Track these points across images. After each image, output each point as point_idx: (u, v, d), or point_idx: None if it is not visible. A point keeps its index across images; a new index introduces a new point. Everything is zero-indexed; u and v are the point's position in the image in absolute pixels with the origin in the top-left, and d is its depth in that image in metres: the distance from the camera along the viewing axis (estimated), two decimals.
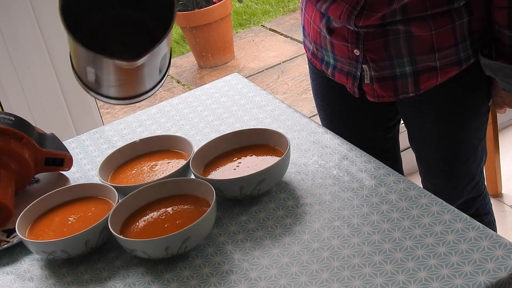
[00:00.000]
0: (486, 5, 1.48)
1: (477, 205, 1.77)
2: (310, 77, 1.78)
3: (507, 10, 1.44)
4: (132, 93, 1.33)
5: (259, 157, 1.44)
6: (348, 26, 1.51)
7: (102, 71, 1.29)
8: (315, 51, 1.66)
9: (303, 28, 1.71)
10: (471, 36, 1.50)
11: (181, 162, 1.47)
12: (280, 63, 4.52)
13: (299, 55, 4.56)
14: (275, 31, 5.03)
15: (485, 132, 1.68)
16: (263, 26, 5.18)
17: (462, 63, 1.52)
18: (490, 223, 1.82)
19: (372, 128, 1.75)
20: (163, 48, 1.25)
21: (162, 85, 1.35)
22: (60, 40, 2.28)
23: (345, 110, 1.72)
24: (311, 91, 1.83)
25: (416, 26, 1.47)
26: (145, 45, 1.25)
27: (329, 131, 1.55)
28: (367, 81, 1.57)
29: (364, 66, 1.55)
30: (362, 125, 1.73)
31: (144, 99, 1.35)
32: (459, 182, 1.71)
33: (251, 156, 1.45)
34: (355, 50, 1.54)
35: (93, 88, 1.31)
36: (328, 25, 1.56)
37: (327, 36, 1.58)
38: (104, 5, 1.32)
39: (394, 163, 1.83)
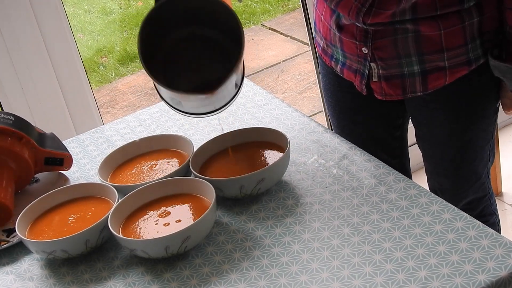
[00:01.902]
0: (498, 6, 1.47)
1: (482, 205, 1.77)
2: (320, 73, 1.78)
3: None
4: (211, 109, 1.42)
5: (258, 156, 1.44)
6: (357, 24, 1.51)
7: (183, 99, 1.39)
8: (325, 47, 1.66)
9: (314, 23, 1.71)
10: (481, 36, 1.49)
11: (181, 162, 1.47)
12: (280, 62, 4.52)
13: (298, 54, 4.56)
14: (275, 30, 5.03)
15: (493, 132, 1.67)
16: (263, 25, 5.18)
17: (471, 63, 1.51)
18: (494, 223, 1.82)
19: (381, 126, 1.75)
20: (237, 68, 1.31)
21: (237, 97, 1.43)
22: (59, 39, 2.28)
23: (354, 107, 1.72)
24: (310, 91, 1.84)
25: (425, 26, 1.46)
26: (221, 65, 1.36)
27: (329, 130, 1.55)
28: (375, 79, 1.57)
29: (372, 64, 1.55)
30: (370, 122, 1.73)
31: (221, 111, 1.43)
32: (465, 182, 1.71)
33: (250, 155, 1.45)
34: (363, 48, 1.54)
35: (176, 107, 1.41)
36: (338, 22, 1.56)
37: (337, 33, 1.58)
38: (174, 26, 1.38)
39: (402, 161, 1.83)
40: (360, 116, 1.73)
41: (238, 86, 1.41)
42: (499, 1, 1.47)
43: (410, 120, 1.76)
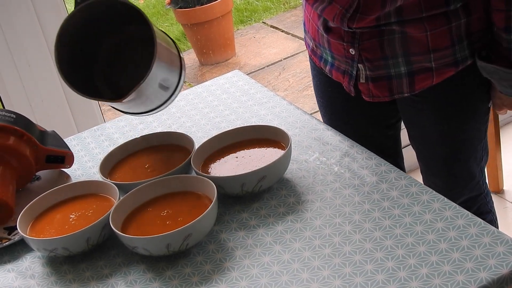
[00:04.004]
0: (485, 7, 1.47)
1: (478, 203, 1.77)
2: (311, 74, 1.78)
3: (505, 13, 1.43)
4: (142, 110, 1.45)
5: (260, 154, 1.44)
6: (342, 28, 1.51)
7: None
8: (315, 48, 1.66)
9: (304, 24, 1.71)
10: (469, 37, 1.49)
11: (183, 159, 1.47)
12: (281, 60, 4.52)
13: (300, 52, 4.56)
14: (276, 28, 5.02)
15: (485, 132, 1.67)
16: (264, 23, 5.18)
17: (458, 64, 1.51)
18: (491, 221, 1.82)
19: (373, 125, 1.75)
20: (153, 79, 1.33)
21: (173, 100, 1.46)
22: None
23: (345, 108, 1.72)
24: (312, 88, 1.83)
25: (411, 27, 1.46)
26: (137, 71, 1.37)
27: (330, 128, 1.55)
28: (362, 80, 1.57)
29: (360, 66, 1.55)
30: (362, 122, 1.73)
31: (154, 113, 1.48)
32: (459, 181, 1.71)
33: (252, 153, 1.45)
34: (350, 49, 1.54)
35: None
36: (325, 24, 1.56)
37: (324, 35, 1.58)
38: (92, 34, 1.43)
39: (396, 160, 1.83)
40: (352, 116, 1.73)
41: (172, 90, 1.44)
42: (486, 2, 1.46)
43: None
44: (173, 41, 1.45)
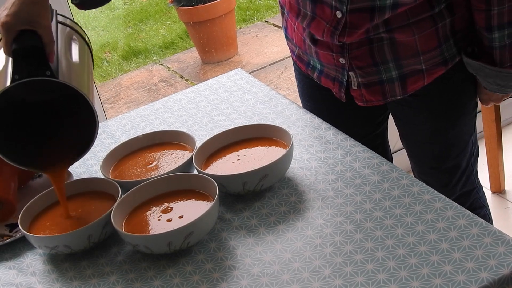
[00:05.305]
0: (467, 5, 1.48)
1: (471, 199, 1.78)
2: (296, 78, 1.77)
3: (485, 12, 1.44)
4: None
5: (262, 152, 1.44)
6: (333, 42, 1.51)
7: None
8: (301, 54, 1.66)
9: (286, 31, 1.70)
10: (454, 35, 1.50)
11: (184, 157, 1.47)
12: (283, 59, 4.52)
13: None
14: (279, 27, 5.02)
15: (474, 126, 1.69)
16: (267, 21, 5.18)
17: (447, 62, 1.52)
18: (485, 216, 1.83)
19: (362, 126, 1.75)
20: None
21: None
22: None
23: (334, 110, 1.71)
24: None
25: (399, 33, 1.47)
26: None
27: (332, 127, 1.55)
28: (354, 87, 1.58)
29: (351, 73, 1.55)
30: (351, 123, 1.73)
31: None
32: (450, 178, 1.72)
33: (254, 151, 1.45)
34: (340, 59, 1.54)
35: None
36: (312, 36, 1.56)
37: (312, 46, 1.57)
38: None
39: (384, 158, 1.83)
40: (340, 118, 1.72)
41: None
42: (468, 1, 1.48)
43: (391, 119, 1.76)
44: (78, 32, 1.44)
